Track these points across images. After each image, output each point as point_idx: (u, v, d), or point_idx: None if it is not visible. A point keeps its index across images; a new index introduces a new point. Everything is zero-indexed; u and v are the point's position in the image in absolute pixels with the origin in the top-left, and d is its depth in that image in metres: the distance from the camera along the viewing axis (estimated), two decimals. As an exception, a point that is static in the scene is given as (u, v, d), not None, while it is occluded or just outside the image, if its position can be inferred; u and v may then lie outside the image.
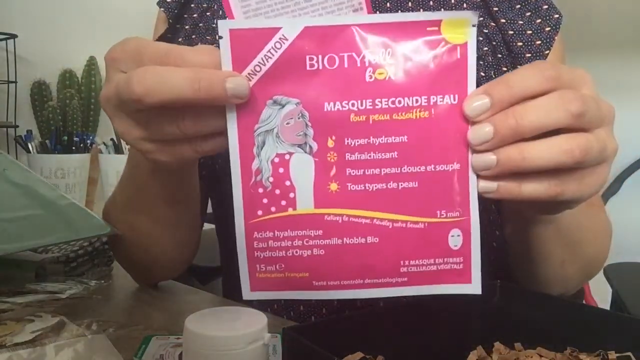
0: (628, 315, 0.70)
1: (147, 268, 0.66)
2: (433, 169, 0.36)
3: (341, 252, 0.36)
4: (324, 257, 0.36)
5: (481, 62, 0.63)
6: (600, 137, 0.36)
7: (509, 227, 0.58)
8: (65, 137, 1.40)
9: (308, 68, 0.35)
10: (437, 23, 0.35)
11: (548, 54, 0.62)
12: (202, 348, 0.35)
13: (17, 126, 1.43)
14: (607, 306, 1.10)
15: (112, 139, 1.45)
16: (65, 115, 1.45)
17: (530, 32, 0.63)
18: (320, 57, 0.35)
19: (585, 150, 0.35)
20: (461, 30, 0.35)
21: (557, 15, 0.64)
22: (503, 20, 0.64)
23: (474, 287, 0.37)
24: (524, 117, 0.34)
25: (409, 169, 0.35)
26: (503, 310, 0.44)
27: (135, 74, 0.35)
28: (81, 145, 1.42)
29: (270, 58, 0.35)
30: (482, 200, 0.37)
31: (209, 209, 0.76)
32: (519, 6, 0.64)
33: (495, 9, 0.64)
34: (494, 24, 0.64)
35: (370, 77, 0.35)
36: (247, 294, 0.37)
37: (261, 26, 0.34)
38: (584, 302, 1.13)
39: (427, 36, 0.35)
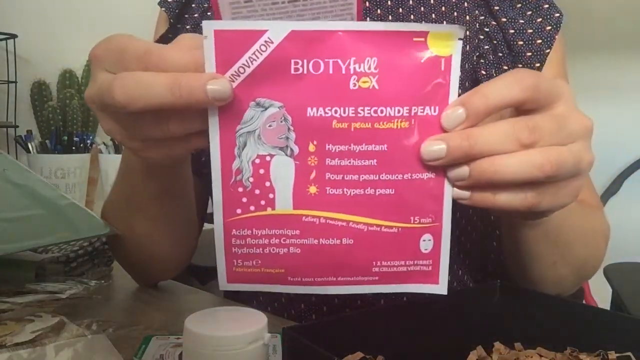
0: (628, 315, 0.70)
1: (145, 268, 0.66)
2: (410, 177, 0.36)
3: (316, 252, 0.37)
4: (299, 255, 0.37)
5: (482, 61, 0.63)
6: (574, 151, 0.36)
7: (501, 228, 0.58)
8: (65, 137, 1.40)
9: (293, 72, 0.35)
10: (424, 34, 0.35)
11: (549, 52, 0.62)
12: (202, 348, 0.35)
13: (17, 126, 1.43)
14: (607, 306, 1.10)
15: (112, 139, 1.45)
16: (65, 115, 1.45)
17: (531, 31, 0.63)
18: (305, 61, 0.34)
19: (557, 165, 0.35)
20: (447, 43, 0.35)
21: (557, 14, 0.64)
22: (504, 19, 0.64)
23: (441, 288, 0.39)
24: (477, 142, 0.35)
25: (387, 177, 0.36)
26: (503, 310, 0.44)
27: (116, 81, 0.35)
28: (81, 145, 1.42)
29: (255, 60, 0.34)
30: None
31: (209, 209, 0.76)
32: (519, 5, 0.65)
33: (496, 7, 0.64)
34: (494, 23, 0.64)
35: (355, 85, 0.35)
36: (223, 285, 0.38)
37: (247, 28, 0.34)
38: (584, 302, 1.13)
39: (413, 47, 0.35)
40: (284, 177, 0.37)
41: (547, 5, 0.64)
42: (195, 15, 0.69)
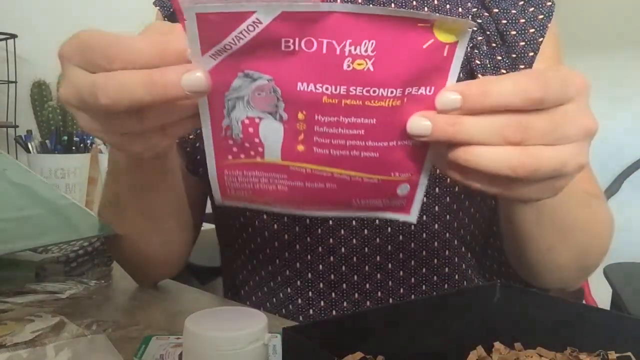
0: (628, 315, 0.70)
1: (140, 267, 0.66)
2: (395, 144, 0.37)
3: (302, 191, 0.39)
4: (286, 192, 0.40)
5: (476, 51, 0.63)
6: (559, 155, 0.35)
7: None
8: (65, 137, 1.40)
9: (283, 49, 0.33)
10: (430, 21, 0.33)
11: (542, 41, 0.63)
12: (202, 348, 0.35)
13: (17, 126, 1.43)
14: (607, 306, 1.10)
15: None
16: (65, 115, 1.45)
17: (523, 20, 0.63)
18: (297, 39, 0.33)
19: (531, 171, 0.35)
20: (454, 31, 0.33)
21: (549, 3, 0.64)
22: (496, 10, 0.64)
23: (412, 217, 0.42)
24: (461, 131, 0.34)
25: (373, 144, 0.36)
26: (503, 310, 0.44)
27: (98, 85, 0.35)
28: (81, 145, 1.42)
29: (242, 39, 0.33)
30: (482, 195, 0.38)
31: (209, 209, 0.76)
32: None
33: None
34: (487, 14, 0.64)
35: (349, 66, 0.33)
36: (219, 201, 0.41)
37: (232, 10, 0.32)
38: (584, 302, 1.13)
39: (416, 31, 0.33)
40: (272, 136, 0.37)
41: None
42: None
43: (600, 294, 1.17)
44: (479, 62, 0.62)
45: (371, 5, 0.61)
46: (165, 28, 0.37)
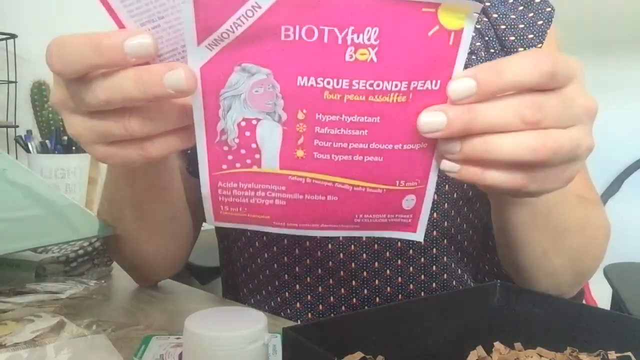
0: (628, 315, 0.70)
1: (138, 267, 0.66)
2: (400, 148, 0.35)
3: (301, 205, 0.37)
4: (284, 206, 0.38)
5: (474, 57, 0.63)
6: (573, 136, 0.35)
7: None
8: (65, 137, 1.40)
9: (283, 38, 0.32)
10: (435, 5, 0.31)
11: (541, 47, 0.62)
12: (202, 348, 0.35)
13: (17, 126, 1.43)
14: (607, 306, 1.10)
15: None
16: (65, 115, 1.45)
17: (522, 26, 0.63)
18: (297, 27, 0.31)
19: (552, 150, 0.34)
20: (460, 16, 0.32)
21: (549, 9, 0.64)
22: (495, 15, 0.64)
23: (418, 235, 0.40)
24: (479, 116, 0.33)
25: (377, 146, 0.35)
26: (503, 310, 0.44)
27: (96, 84, 0.35)
28: (81, 145, 1.42)
29: (240, 26, 0.32)
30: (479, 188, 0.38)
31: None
32: (511, 0, 0.65)
33: (488, 3, 0.64)
34: (486, 19, 0.64)
35: (351, 56, 0.32)
36: (211, 222, 0.40)
37: None
38: (584, 302, 1.13)
39: (420, 18, 0.31)
40: (270, 141, 0.35)
41: (538, 0, 0.64)
42: None
43: (600, 294, 1.17)
44: None
45: None
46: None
